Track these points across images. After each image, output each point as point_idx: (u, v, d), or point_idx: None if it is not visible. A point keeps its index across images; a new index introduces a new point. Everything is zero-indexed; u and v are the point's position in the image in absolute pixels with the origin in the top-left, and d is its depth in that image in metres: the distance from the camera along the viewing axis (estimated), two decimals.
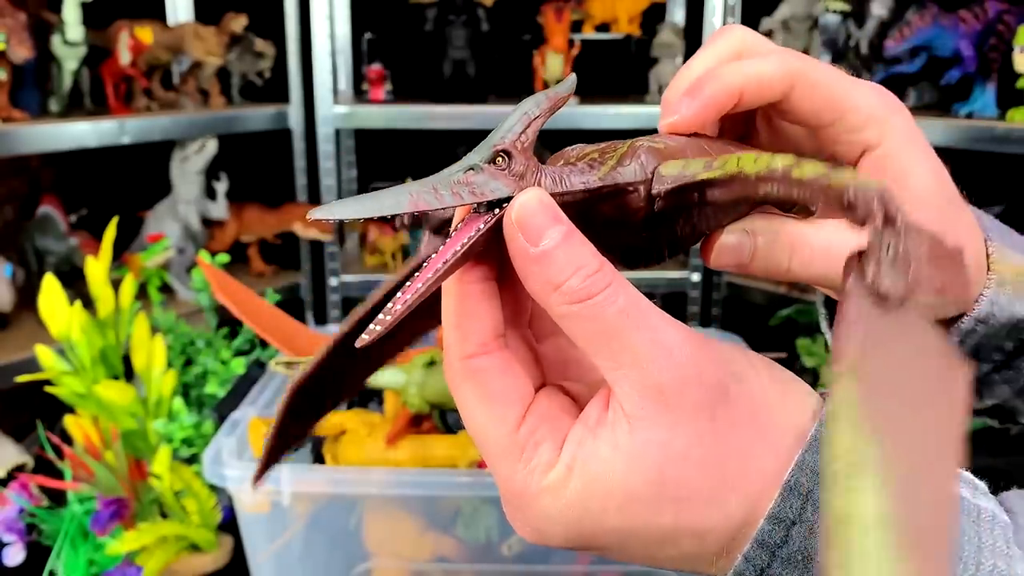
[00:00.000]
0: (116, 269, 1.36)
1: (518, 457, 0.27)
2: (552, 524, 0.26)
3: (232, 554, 1.01)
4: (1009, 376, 0.37)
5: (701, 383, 0.25)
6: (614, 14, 1.68)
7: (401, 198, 0.25)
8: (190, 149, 1.49)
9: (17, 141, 1.25)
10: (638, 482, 0.25)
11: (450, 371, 0.28)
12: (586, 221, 0.29)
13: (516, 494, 0.27)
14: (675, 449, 0.25)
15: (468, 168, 0.26)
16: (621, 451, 0.25)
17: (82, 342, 0.97)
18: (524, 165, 0.27)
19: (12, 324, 1.32)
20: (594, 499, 0.26)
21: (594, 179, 0.28)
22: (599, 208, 0.29)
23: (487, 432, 0.27)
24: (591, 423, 0.26)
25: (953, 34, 1.30)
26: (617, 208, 0.29)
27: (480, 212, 0.27)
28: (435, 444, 0.82)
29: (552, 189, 0.27)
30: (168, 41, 1.48)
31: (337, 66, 1.74)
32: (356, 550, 0.85)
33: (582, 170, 0.28)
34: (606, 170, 0.28)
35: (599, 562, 0.85)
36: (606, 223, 0.29)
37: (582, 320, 0.25)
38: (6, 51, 1.21)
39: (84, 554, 0.93)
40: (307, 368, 0.31)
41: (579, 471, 0.26)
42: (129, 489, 0.96)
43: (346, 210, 0.25)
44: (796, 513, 0.25)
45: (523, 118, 0.28)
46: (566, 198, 0.28)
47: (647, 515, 0.25)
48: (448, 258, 0.26)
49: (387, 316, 0.25)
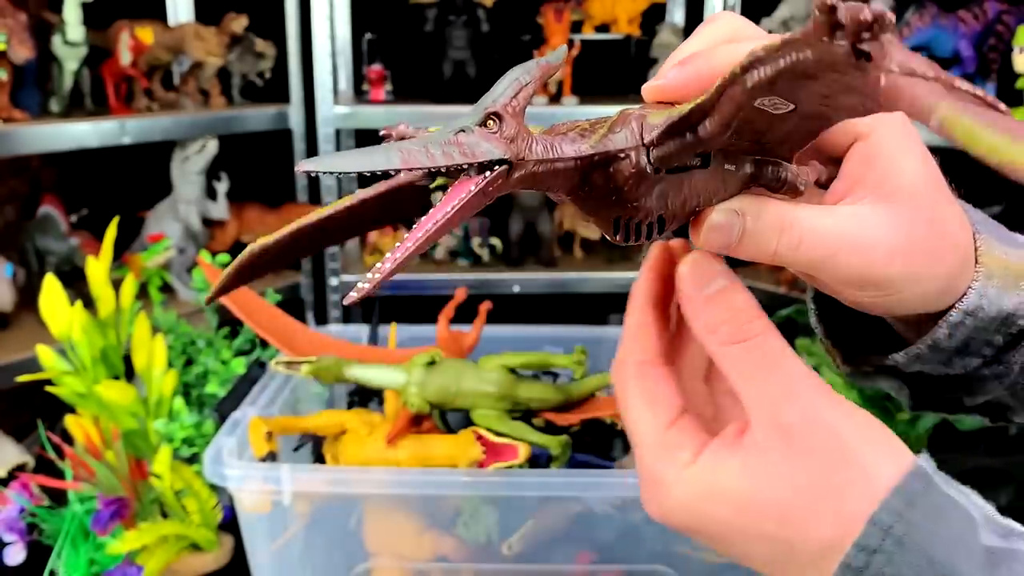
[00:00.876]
0: (117, 269, 1.36)
1: (664, 451, 0.32)
2: (677, 509, 0.32)
3: (232, 554, 1.01)
4: (999, 371, 0.37)
5: (819, 428, 0.30)
6: (614, 15, 1.68)
7: (392, 155, 0.25)
8: (191, 149, 1.49)
9: (18, 141, 1.25)
10: (755, 494, 0.30)
11: (621, 369, 0.35)
12: (578, 190, 0.29)
13: (655, 480, 0.33)
14: (790, 477, 0.30)
15: (459, 130, 0.26)
16: (748, 469, 0.31)
17: (83, 342, 0.97)
18: (515, 129, 0.27)
19: (13, 324, 1.32)
20: (716, 498, 0.31)
21: (585, 147, 0.28)
22: (591, 178, 0.29)
23: (643, 425, 0.33)
24: (728, 441, 0.32)
25: (952, 34, 1.31)
26: (608, 177, 0.29)
27: (471, 174, 0.27)
28: (435, 444, 0.83)
29: (544, 156, 0.27)
30: (169, 41, 1.48)
31: (337, 66, 1.74)
32: (356, 550, 0.85)
33: (573, 139, 0.28)
34: (597, 138, 0.28)
35: (599, 562, 0.86)
36: (598, 193, 0.29)
37: (731, 360, 0.31)
38: (7, 51, 1.22)
39: (85, 554, 0.94)
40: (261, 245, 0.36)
41: (710, 474, 0.31)
42: (130, 489, 0.96)
43: (336, 163, 0.25)
44: (878, 543, 0.29)
45: (514, 83, 0.28)
46: (557, 165, 0.28)
47: (755, 520, 0.31)
48: (439, 219, 0.26)
49: (376, 275, 0.26)
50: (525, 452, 0.80)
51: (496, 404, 0.84)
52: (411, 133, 0.30)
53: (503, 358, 0.87)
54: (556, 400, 0.88)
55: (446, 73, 1.58)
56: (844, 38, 0.23)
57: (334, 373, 0.84)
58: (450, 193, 0.27)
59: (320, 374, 0.84)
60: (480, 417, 0.84)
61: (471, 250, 1.66)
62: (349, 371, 0.84)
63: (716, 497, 0.31)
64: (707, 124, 0.27)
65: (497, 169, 0.26)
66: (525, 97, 0.28)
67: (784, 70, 0.24)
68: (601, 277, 1.62)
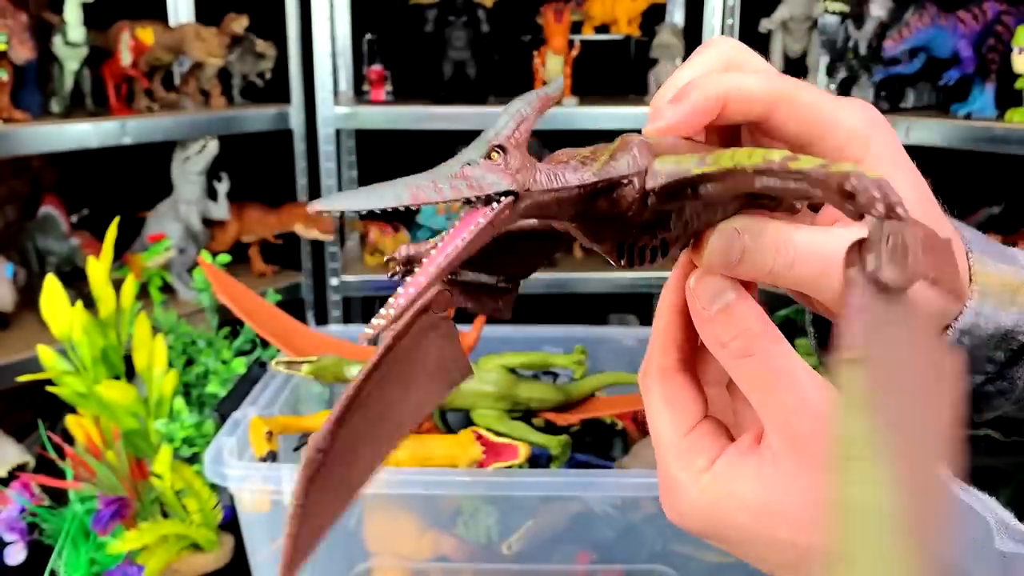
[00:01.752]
0: (117, 269, 1.37)
1: (682, 455, 0.33)
2: (693, 513, 0.33)
3: (233, 553, 1.02)
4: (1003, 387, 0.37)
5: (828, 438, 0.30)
6: (614, 15, 1.68)
7: (401, 191, 0.25)
8: (191, 149, 1.49)
9: (18, 141, 1.25)
10: (769, 503, 0.31)
11: (646, 375, 0.35)
12: (582, 217, 0.29)
13: (672, 485, 0.33)
14: (801, 484, 0.31)
15: (465, 163, 0.27)
16: (762, 477, 0.31)
17: (83, 342, 0.97)
18: (519, 160, 0.27)
19: (13, 324, 1.32)
20: (731, 505, 0.32)
21: (588, 174, 0.29)
22: (594, 204, 0.29)
23: (663, 430, 0.34)
24: (743, 449, 0.32)
25: (952, 35, 1.31)
26: (612, 203, 0.29)
27: (477, 206, 0.27)
28: (435, 444, 0.83)
29: (549, 185, 0.28)
30: (169, 42, 1.48)
31: (338, 67, 1.74)
32: (356, 549, 0.85)
33: (575, 167, 0.29)
34: (599, 165, 0.29)
35: (599, 562, 0.86)
36: (601, 219, 0.30)
37: (743, 372, 0.31)
38: (8, 52, 1.22)
39: (85, 553, 0.94)
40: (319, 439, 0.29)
41: (725, 481, 0.32)
42: (130, 488, 0.96)
43: (346, 202, 0.25)
44: None
45: (516, 116, 0.28)
46: (562, 194, 0.28)
47: (769, 527, 0.31)
48: (449, 252, 0.26)
49: (389, 309, 0.26)
50: (525, 452, 0.80)
51: (496, 404, 0.85)
52: (416, 253, 0.32)
53: (503, 358, 0.87)
54: (556, 400, 0.89)
55: (446, 73, 1.58)
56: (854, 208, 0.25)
57: (334, 373, 0.84)
58: (458, 226, 0.27)
59: (320, 374, 0.85)
60: (480, 417, 0.84)
61: None
62: (349, 371, 0.84)
63: (731, 504, 0.32)
64: (708, 187, 0.28)
65: (504, 200, 0.27)
66: (527, 128, 0.28)
67: (791, 190, 0.26)
68: (601, 277, 1.62)
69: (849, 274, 0.24)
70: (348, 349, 0.97)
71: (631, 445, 0.95)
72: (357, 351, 0.97)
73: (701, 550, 0.85)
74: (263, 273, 1.68)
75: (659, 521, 0.82)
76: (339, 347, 0.96)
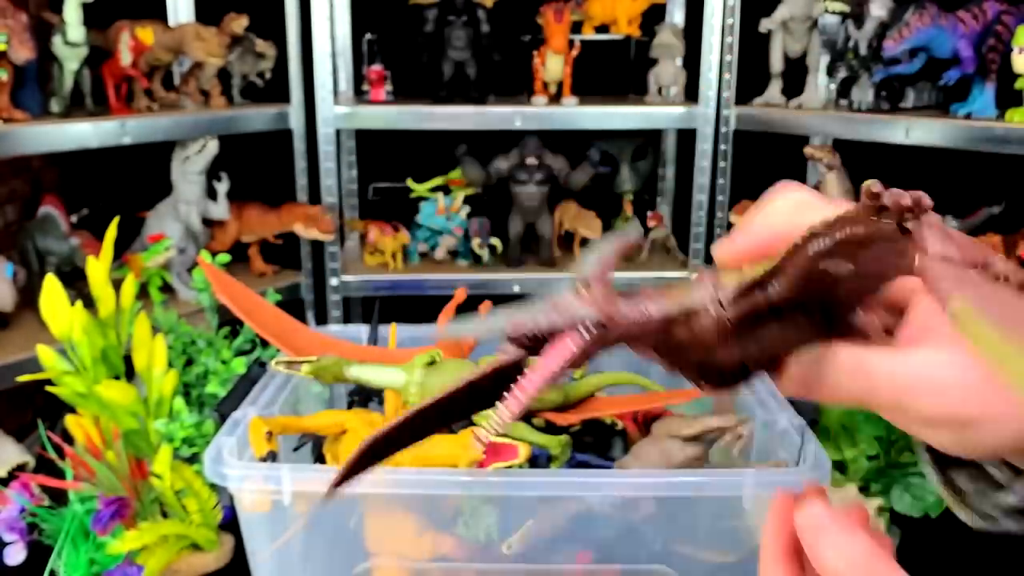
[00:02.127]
0: (117, 269, 1.36)
1: None
2: None
3: (233, 553, 1.02)
4: None
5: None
6: (614, 15, 1.68)
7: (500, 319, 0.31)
8: (191, 149, 1.49)
9: (18, 141, 1.25)
10: None
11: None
12: (663, 345, 0.32)
13: None
14: None
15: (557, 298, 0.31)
16: None
17: (83, 342, 0.97)
18: (605, 294, 0.31)
19: (13, 324, 1.32)
20: None
21: (668, 305, 0.31)
22: (675, 333, 0.32)
23: None
24: None
25: (952, 35, 1.31)
26: (690, 331, 0.31)
27: (566, 332, 0.31)
28: (435, 444, 0.83)
29: (631, 316, 0.31)
30: (169, 42, 1.48)
31: (338, 67, 1.74)
32: (356, 549, 0.85)
33: (655, 299, 0.32)
34: (677, 297, 0.32)
35: (599, 562, 0.86)
36: (682, 346, 0.32)
37: None
38: (7, 52, 1.22)
39: (85, 553, 0.94)
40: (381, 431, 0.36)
41: None
42: (130, 488, 0.96)
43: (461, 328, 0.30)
44: None
45: (600, 256, 0.33)
46: (646, 324, 0.31)
47: None
48: (546, 373, 0.31)
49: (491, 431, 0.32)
50: (525, 452, 0.80)
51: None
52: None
53: None
54: (556, 400, 0.89)
55: (446, 73, 1.58)
56: (889, 217, 0.28)
57: (334, 373, 0.84)
58: (552, 349, 0.31)
59: (320, 374, 0.85)
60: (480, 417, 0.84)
61: (471, 250, 1.66)
62: (349, 371, 0.84)
63: None
64: (776, 284, 0.31)
65: (595, 330, 0.30)
66: (609, 266, 0.32)
67: (841, 241, 0.29)
68: None
69: (920, 261, 0.28)
70: (348, 349, 0.97)
71: (631, 445, 0.95)
72: (357, 351, 0.97)
73: (701, 550, 0.85)
74: (263, 273, 1.68)
75: (659, 521, 0.82)
76: (339, 347, 0.96)
